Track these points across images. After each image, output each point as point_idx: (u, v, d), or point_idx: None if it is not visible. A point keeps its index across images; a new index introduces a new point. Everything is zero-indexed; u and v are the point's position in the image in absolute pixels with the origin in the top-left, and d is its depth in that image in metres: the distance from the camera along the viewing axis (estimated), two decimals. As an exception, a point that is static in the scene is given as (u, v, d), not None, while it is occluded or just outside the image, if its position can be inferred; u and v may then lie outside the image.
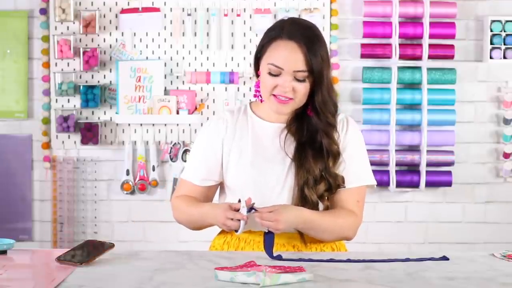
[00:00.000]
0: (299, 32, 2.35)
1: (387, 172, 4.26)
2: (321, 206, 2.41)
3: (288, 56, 2.34)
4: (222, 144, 2.47)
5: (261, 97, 2.44)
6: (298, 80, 2.35)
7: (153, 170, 4.25)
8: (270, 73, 2.36)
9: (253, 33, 4.23)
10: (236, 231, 2.27)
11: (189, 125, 4.26)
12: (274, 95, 2.37)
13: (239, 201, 2.29)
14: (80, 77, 4.24)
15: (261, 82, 2.40)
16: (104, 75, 4.25)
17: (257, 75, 2.45)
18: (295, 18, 2.48)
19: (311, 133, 2.41)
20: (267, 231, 2.26)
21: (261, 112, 2.48)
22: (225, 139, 2.47)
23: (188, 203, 2.46)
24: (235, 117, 2.49)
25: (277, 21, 2.47)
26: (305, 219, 2.32)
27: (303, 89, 2.36)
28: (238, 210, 2.27)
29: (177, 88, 4.25)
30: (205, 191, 2.50)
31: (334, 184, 2.39)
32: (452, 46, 4.26)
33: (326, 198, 2.41)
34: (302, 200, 2.37)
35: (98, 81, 4.24)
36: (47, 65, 4.22)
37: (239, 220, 2.26)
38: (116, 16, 4.23)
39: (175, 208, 2.52)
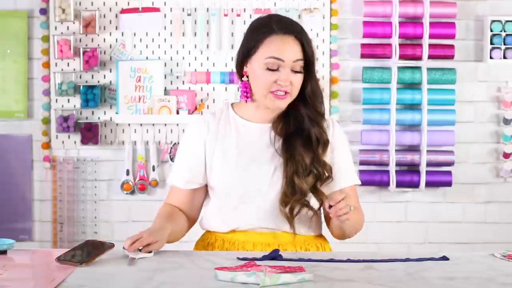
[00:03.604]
0: (290, 26, 2.40)
1: (387, 172, 4.26)
2: (314, 201, 2.41)
3: (287, 47, 2.36)
4: (204, 146, 2.46)
5: (247, 98, 2.43)
6: (295, 72, 2.37)
7: (153, 170, 4.25)
8: (268, 68, 2.36)
9: (253, 33, 4.22)
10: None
11: (189, 125, 4.25)
12: (272, 92, 2.37)
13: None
14: (80, 77, 4.24)
15: (257, 80, 2.38)
16: (104, 75, 4.25)
17: (241, 77, 2.44)
18: (276, 15, 2.49)
19: (298, 124, 2.42)
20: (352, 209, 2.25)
21: (244, 113, 2.47)
22: (208, 140, 2.46)
23: (158, 215, 2.50)
24: (217, 118, 2.48)
25: (258, 20, 2.46)
26: None
27: (299, 80, 2.39)
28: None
29: (177, 88, 4.25)
30: (190, 195, 2.50)
31: (322, 172, 2.40)
32: (452, 46, 4.26)
33: (318, 192, 2.41)
34: (292, 189, 2.37)
35: (98, 81, 4.24)
36: (47, 65, 4.23)
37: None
38: (116, 16, 4.23)
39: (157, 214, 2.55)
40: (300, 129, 2.42)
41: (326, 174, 2.41)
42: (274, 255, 2.18)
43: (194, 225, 2.56)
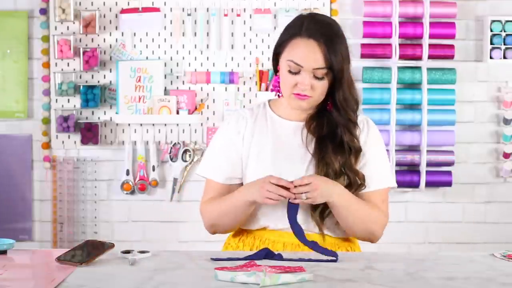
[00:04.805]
0: (319, 30, 2.34)
1: (387, 172, 4.25)
2: None
3: (307, 54, 2.33)
4: (242, 142, 2.45)
5: (279, 92, 2.43)
6: (317, 78, 2.34)
7: (153, 170, 4.24)
8: (289, 71, 2.35)
9: (253, 33, 4.23)
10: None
11: (189, 125, 4.26)
12: (294, 93, 2.36)
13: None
14: (80, 77, 4.24)
15: (281, 80, 2.39)
16: (104, 75, 4.25)
17: (276, 71, 2.44)
18: (315, 14, 2.44)
19: (331, 128, 2.40)
20: (304, 198, 2.25)
21: (280, 110, 2.47)
22: (245, 137, 2.45)
23: (218, 199, 2.43)
24: (254, 115, 2.48)
25: (297, 16, 2.44)
26: (340, 192, 2.31)
27: (321, 86, 2.35)
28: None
29: (177, 88, 4.25)
30: (230, 190, 2.45)
31: (354, 180, 2.38)
32: (452, 46, 4.26)
33: None
34: None
35: (98, 81, 4.24)
36: (47, 65, 4.22)
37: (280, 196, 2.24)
38: (116, 16, 4.23)
39: (204, 212, 2.47)
40: (332, 134, 2.39)
41: (359, 182, 2.39)
42: (264, 254, 2.18)
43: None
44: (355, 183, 2.39)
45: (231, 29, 4.22)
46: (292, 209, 2.28)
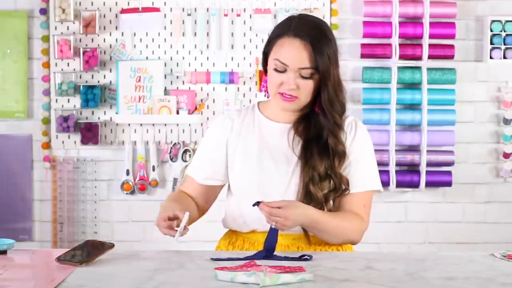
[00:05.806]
0: (306, 30, 2.33)
1: (387, 172, 4.26)
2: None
3: (293, 53, 2.31)
4: (226, 143, 2.45)
5: (267, 92, 2.43)
6: (303, 77, 2.33)
7: (153, 170, 4.25)
8: (276, 69, 2.34)
9: (253, 33, 4.23)
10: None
11: (189, 125, 4.26)
12: (280, 93, 2.35)
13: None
14: (80, 77, 4.25)
15: (268, 78, 2.38)
16: (104, 75, 4.25)
17: (266, 70, 2.43)
18: (304, 15, 2.43)
19: (318, 131, 2.38)
20: (273, 226, 2.24)
21: (268, 112, 2.46)
22: (230, 138, 2.45)
23: (169, 197, 2.50)
24: (242, 115, 2.47)
25: (288, 16, 2.43)
26: (311, 219, 2.28)
27: (308, 86, 2.33)
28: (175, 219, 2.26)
29: (177, 88, 4.26)
30: (206, 191, 2.49)
31: (338, 184, 2.36)
32: (452, 46, 4.26)
33: (332, 201, 2.39)
34: (308, 197, 2.33)
35: (98, 81, 4.24)
36: (47, 65, 4.23)
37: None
38: (116, 16, 4.23)
39: None
40: (318, 137, 2.38)
41: (343, 187, 2.37)
42: (263, 254, 2.18)
43: (204, 215, 2.54)
44: (339, 188, 2.37)
45: (231, 29, 4.22)
46: (272, 236, 2.24)
